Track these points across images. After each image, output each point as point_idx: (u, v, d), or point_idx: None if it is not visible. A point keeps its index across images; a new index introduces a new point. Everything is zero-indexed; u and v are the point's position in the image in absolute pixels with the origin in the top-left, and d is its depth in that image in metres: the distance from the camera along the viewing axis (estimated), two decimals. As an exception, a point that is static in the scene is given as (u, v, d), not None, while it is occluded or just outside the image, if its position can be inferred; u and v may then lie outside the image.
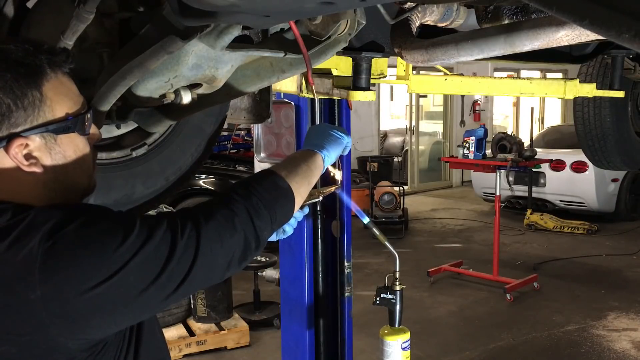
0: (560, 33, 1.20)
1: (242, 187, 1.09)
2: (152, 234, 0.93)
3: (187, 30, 1.10)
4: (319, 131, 1.35)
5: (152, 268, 0.92)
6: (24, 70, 0.93)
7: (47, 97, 0.95)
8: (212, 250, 0.97)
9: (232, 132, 8.16)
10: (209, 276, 0.99)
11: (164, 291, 0.94)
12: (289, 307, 2.65)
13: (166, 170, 1.73)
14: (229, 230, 1.00)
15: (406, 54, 1.52)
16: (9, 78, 0.91)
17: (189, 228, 0.96)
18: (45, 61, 0.95)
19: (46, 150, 0.96)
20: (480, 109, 11.72)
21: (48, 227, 0.88)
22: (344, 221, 2.54)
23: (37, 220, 0.89)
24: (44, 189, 0.97)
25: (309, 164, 1.24)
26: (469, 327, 4.70)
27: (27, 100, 0.92)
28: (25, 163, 0.94)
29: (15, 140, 0.92)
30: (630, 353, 4.20)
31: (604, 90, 2.35)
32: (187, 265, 0.95)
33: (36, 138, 0.94)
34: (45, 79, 0.95)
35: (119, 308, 0.91)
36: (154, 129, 1.58)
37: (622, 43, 0.66)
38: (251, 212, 1.04)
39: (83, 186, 1.05)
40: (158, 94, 1.31)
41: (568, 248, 6.93)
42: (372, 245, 6.57)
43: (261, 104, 1.83)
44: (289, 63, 1.37)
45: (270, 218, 1.08)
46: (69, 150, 0.99)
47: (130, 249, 0.90)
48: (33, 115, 0.93)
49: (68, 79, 1.00)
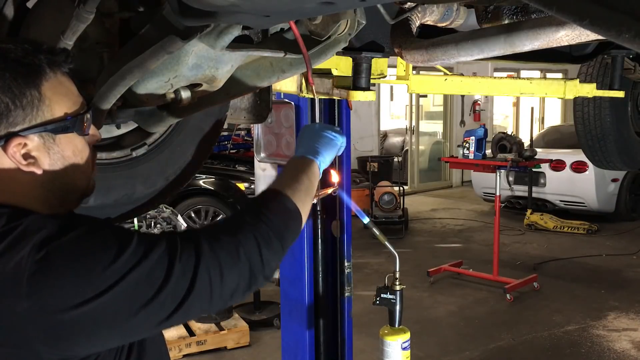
0: (560, 33, 1.20)
1: (251, 212, 1.05)
2: (148, 254, 0.90)
3: (187, 30, 1.10)
4: (313, 132, 1.31)
5: (143, 292, 0.88)
6: (23, 70, 0.92)
7: (46, 96, 0.94)
8: (211, 281, 0.93)
9: (232, 132, 8.16)
10: (208, 306, 0.96)
11: (156, 317, 0.90)
12: (289, 307, 2.65)
13: (166, 170, 1.73)
14: (232, 261, 0.96)
15: (406, 54, 1.52)
16: (7, 77, 0.90)
17: (188, 254, 0.92)
18: (44, 61, 0.95)
19: (45, 150, 0.95)
20: (480, 109, 11.72)
21: (40, 238, 0.86)
22: (344, 221, 2.54)
23: (30, 229, 0.87)
24: (41, 189, 0.96)
25: (309, 176, 1.21)
26: (469, 327, 4.70)
27: (25, 99, 0.92)
28: (23, 162, 0.93)
29: (14, 140, 0.92)
30: (630, 353, 4.20)
31: (604, 90, 2.34)
32: (181, 293, 0.91)
33: (35, 138, 0.94)
34: (45, 78, 0.94)
35: (105, 330, 0.88)
36: (154, 129, 1.58)
37: (622, 43, 0.66)
38: (260, 241, 1.00)
39: (81, 187, 1.03)
40: (158, 94, 1.31)
41: (568, 248, 6.93)
42: (372, 245, 6.57)
43: (261, 104, 1.83)
44: (289, 63, 1.37)
45: (282, 246, 1.04)
46: (68, 150, 0.98)
47: (122, 268, 0.87)
48: (32, 114, 0.93)
49: (67, 79, 0.99)
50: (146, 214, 4.52)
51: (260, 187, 2.79)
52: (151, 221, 4.61)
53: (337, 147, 1.32)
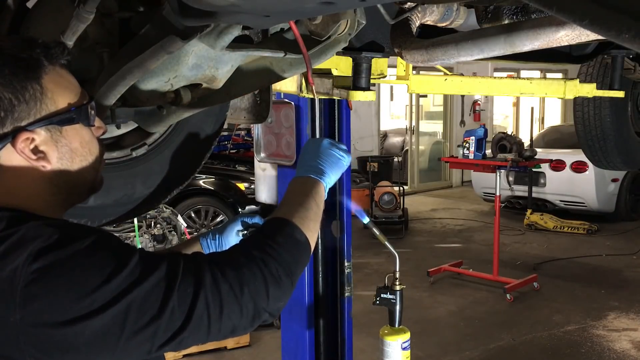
0: (560, 33, 1.20)
1: (258, 245, 0.99)
2: (146, 278, 0.86)
3: (187, 30, 1.10)
4: (318, 149, 1.23)
5: (135, 318, 0.85)
6: (22, 64, 0.92)
7: (47, 89, 0.94)
8: (209, 316, 0.89)
9: (232, 132, 8.16)
10: (204, 339, 0.92)
11: (146, 346, 0.87)
12: (289, 307, 2.65)
13: (166, 170, 1.73)
14: (234, 298, 0.91)
15: (406, 54, 1.52)
16: (7, 73, 0.90)
17: (187, 284, 0.89)
18: (41, 54, 0.94)
19: (52, 143, 0.95)
20: (480, 109, 11.72)
21: (37, 247, 0.84)
22: (344, 221, 2.54)
23: (27, 236, 0.86)
24: (49, 184, 0.96)
25: (317, 201, 1.14)
26: (469, 327, 4.70)
27: (28, 93, 0.91)
28: (33, 157, 0.93)
29: (21, 135, 0.91)
30: (630, 353, 4.20)
31: (604, 90, 2.35)
32: (176, 325, 0.87)
33: (41, 131, 0.93)
34: (44, 71, 0.94)
35: (94, 352, 0.85)
36: (154, 129, 1.58)
37: (622, 43, 0.66)
38: (268, 280, 0.95)
39: (90, 181, 1.03)
40: (158, 94, 1.31)
41: (568, 248, 6.93)
42: (372, 245, 6.57)
43: (261, 104, 1.83)
44: (289, 63, 1.37)
45: (292, 282, 0.99)
46: (75, 142, 0.98)
47: (115, 290, 0.84)
48: (35, 108, 0.92)
49: (66, 71, 0.99)
50: (146, 214, 4.52)
51: (260, 187, 2.79)
52: (151, 221, 4.61)
53: (343, 168, 1.25)
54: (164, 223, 4.63)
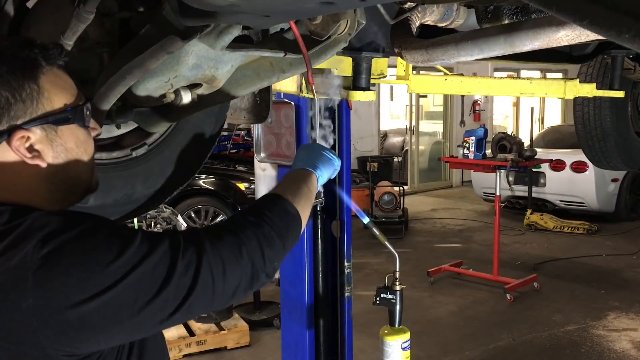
0: (560, 33, 1.20)
1: (253, 213, 1.06)
2: (151, 252, 0.90)
3: (187, 30, 1.10)
4: (311, 150, 1.34)
5: (146, 289, 0.88)
6: (20, 64, 0.93)
7: (44, 89, 0.95)
8: (213, 278, 0.94)
9: (232, 132, 8.16)
10: (210, 304, 0.96)
11: (159, 315, 0.91)
12: (289, 307, 2.65)
13: (166, 170, 1.73)
14: (234, 259, 0.97)
15: (406, 54, 1.52)
16: (4, 71, 0.91)
17: (190, 252, 0.93)
18: (39, 55, 0.95)
19: (48, 142, 0.96)
20: (480, 109, 11.72)
21: (44, 233, 0.86)
22: (344, 221, 2.54)
23: (34, 225, 0.88)
24: (45, 183, 0.97)
25: (309, 185, 1.23)
26: (469, 327, 4.70)
27: (24, 92, 0.92)
28: (28, 155, 0.94)
29: (17, 133, 0.92)
30: (630, 353, 4.20)
31: (604, 90, 2.35)
32: (184, 290, 0.92)
33: (37, 130, 0.94)
34: (41, 71, 0.95)
35: (108, 326, 0.88)
36: (154, 129, 1.58)
37: (622, 43, 0.66)
38: (262, 241, 1.02)
39: (85, 180, 1.04)
40: (158, 94, 1.31)
41: (568, 248, 6.93)
42: (372, 245, 6.57)
43: (261, 104, 1.83)
44: (289, 63, 1.37)
45: (284, 246, 1.07)
46: (70, 142, 0.99)
47: (126, 265, 0.87)
48: (32, 107, 0.93)
49: (63, 72, 1.00)
50: (146, 214, 4.52)
51: (260, 187, 2.79)
52: (151, 221, 4.61)
53: (334, 167, 1.34)
54: (164, 223, 4.63)
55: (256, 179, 2.85)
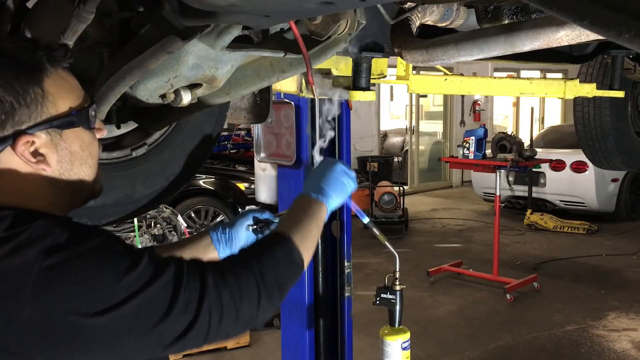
0: (560, 33, 1.20)
1: (258, 257, 1.03)
2: (155, 279, 0.89)
3: (187, 30, 1.10)
4: (330, 172, 1.26)
5: (144, 318, 0.87)
6: (24, 67, 0.92)
7: (49, 92, 0.94)
8: (210, 321, 0.93)
9: (232, 132, 8.16)
10: (201, 343, 0.95)
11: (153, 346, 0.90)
12: (289, 307, 2.65)
13: (166, 170, 1.73)
14: (233, 310, 0.95)
15: (406, 54, 1.52)
16: (9, 76, 0.90)
17: (193, 287, 0.92)
18: (44, 57, 0.94)
19: (52, 146, 0.95)
20: (480, 109, 11.72)
21: (47, 245, 0.85)
22: (344, 221, 2.54)
23: (37, 234, 0.87)
24: (50, 187, 0.96)
25: (318, 223, 1.19)
26: (469, 327, 4.70)
27: (29, 97, 0.92)
28: (33, 160, 0.93)
29: (22, 138, 0.92)
30: (630, 353, 4.20)
31: (604, 90, 2.35)
32: (182, 327, 0.90)
33: (42, 135, 0.94)
34: (46, 74, 0.94)
35: (102, 348, 0.87)
36: (154, 129, 1.58)
37: (622, 43, 0.66)
38: (262, 291, 0.99)
39: (89, 185, 1.03)
40: (158, 94, 1.31)
41: (568, 248, 6.93)
42: (372, 245, 6.57)
43: (261, 104, 1.83)
44: (289, 63, 1.37)
45: (281, 296, 1.04)
46: (75, 145, 0.98)
47: (127, 289, 0.86)
48: (36, 111, 0.92)
49: (68, 73, 0.99)
50: (146, 214, 4.52)
51: (260, 187, 2.79)
52: (151, 221, 4.61)
53: (348, 194, 1.30)
54: (164, 223, 4.63)
55: (256, 179, 2.85)
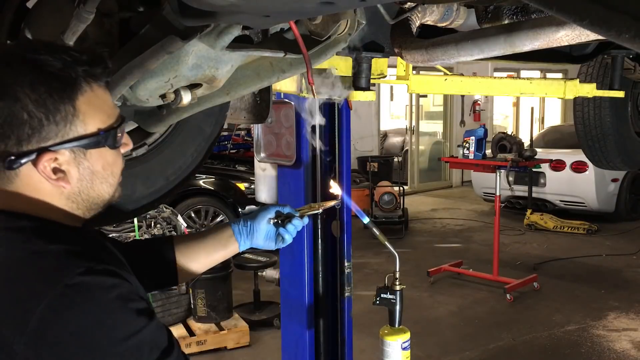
0: (560, 33, 1.20)
1: None
2: None
3: (187, 30, 1.10)
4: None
5: None
6: (59, 84, 0.90)
7: (80, 111, 0.92)
8: None
9: (232, 132, 8.16)
10: None
11: None
12: (289, 307, 2.65)
13: (166, 170, 1.73)
14: None
15: (406, 54, 1.52)
16: (42, 92, 0.88)
17: None
18: (81, 74, 0.92)
19: (75, 164, 0.94)
20: (480, 109, 11.72)
21: (62, 282, 0.84)
22: (344, 221, 2.54)
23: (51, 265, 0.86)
24: (67, 201, 0.96)
25: None
26: (469, 327, 4.70)
27: (59, 114, 0.90)
28: (53, 177, 0.92)
29: (45, 155, 0.90)
30: (630, 353, 4.20)
31: (604, 90, 2.35)
32: None
33: (66, 152, 0.92)
34: (80, 92, 0.92)
35: None
36: (154, 129, 1.58)
37: (622, 43, 0.66)
38: None
39: (107, 199, 1.02)
40: (158, 94, 1.31)
41: (568, 248, 6.93)
42: (372, 245, 6.57)
43: (261, 104, 1.83)
44: (289, 63, 1.37)
45: None
46: (98, 165, 0.96)
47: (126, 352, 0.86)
48: (64, 129, 0.91)
49: (104, 91, 0.97)
50: (146, 214, 4.52)
51: (260, 187, 2.79)
52: (151, 221, 4.61)
53: None
54: (164, 223, 4.63)
55: (256, 179, 2.85)
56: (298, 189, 2.46)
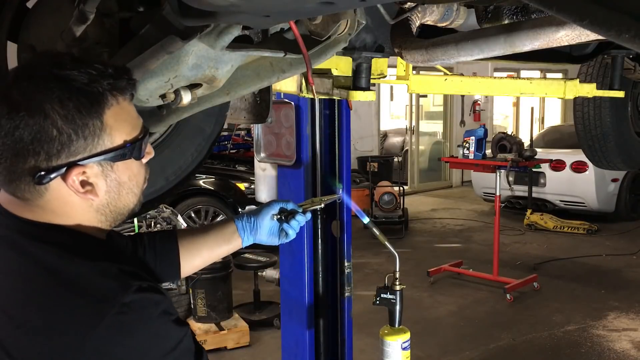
0: (560, 33, 1.20)
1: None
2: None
3: (187, 30, 1.10)
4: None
5: None
6: (86, 100, 0.91)
7: (107, 125, 0.93)
8: None
9: (232, 132, 8.16)
10: None
11: None
12: (289, 307, 2.65)
13: (166, 170, 1.73)
14: None
15: (406, 54, 1.52)
16: (71, 107, 0.89)
17: None
18: (107, 87, 0.93)
19: (102, 177, 0.95)
20: (480, 109, 11.72)
21: (108, 306, 0.88)
22: (344, 221, 2.54)
23: (91, 285, 0.90)
24: (95, 213, 0.98)
25: None
26: (469, 327, 4.70)
27: (87, 130, 0.91)
28: (81, 190, 0.94)
29: (74, 169, 0.92)
30: (630, 353, 4.20)
31: (604, 90, 2.34)
32: None
33: (94, 166, 0.93)
34: (107, 106, 0.93)
35: None
36: (154, 129, 1.58)
37: (622, 43, 0.66)
38: None
39: (131, 209, 1.04)
40: (158, 94, 1.31)
41: (568, 248, 6.93)
42: (372, 245, 6.57)
43: (261, 104, 1.83)
44: (289, 63, 1.37)
45: None
46: (124, 176, 0.98)
47: None
48: (93, 144, 0.92)
49: (129, 103, 0.98)
50: (146, 214, 4.52)
51: (260, 187, 2.79)
52: (151, 221, 4.61)
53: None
54: (164, 223, 4.64)
55: (256, 179, 2.85)
56: (298, 189, 2.46)
